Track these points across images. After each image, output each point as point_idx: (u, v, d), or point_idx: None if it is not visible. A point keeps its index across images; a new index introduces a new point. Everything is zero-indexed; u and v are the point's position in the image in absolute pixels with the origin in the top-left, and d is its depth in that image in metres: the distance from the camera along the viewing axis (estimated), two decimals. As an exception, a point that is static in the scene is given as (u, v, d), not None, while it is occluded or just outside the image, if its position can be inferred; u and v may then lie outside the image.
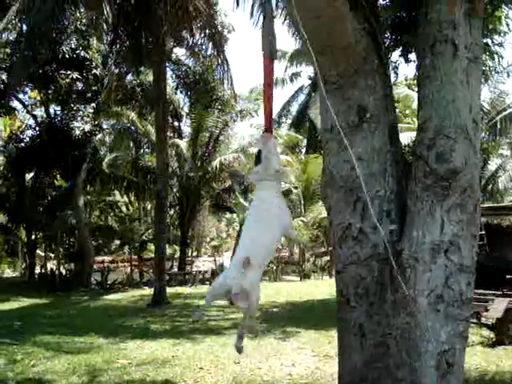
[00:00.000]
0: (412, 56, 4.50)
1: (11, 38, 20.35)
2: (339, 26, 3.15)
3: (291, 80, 34.18)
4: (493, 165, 26.64)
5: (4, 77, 20.15)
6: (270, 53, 3.53)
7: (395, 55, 4.65)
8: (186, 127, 28.81)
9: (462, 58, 3.35)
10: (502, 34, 4.76)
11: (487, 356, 8.23)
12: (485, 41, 4.39)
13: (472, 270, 3.34)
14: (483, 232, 13.02)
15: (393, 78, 4.27)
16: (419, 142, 3.39)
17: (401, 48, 4.56)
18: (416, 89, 3.68)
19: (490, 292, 10.90)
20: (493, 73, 5.66)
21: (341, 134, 3.34)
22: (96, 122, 24.09)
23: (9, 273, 31.25)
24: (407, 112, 27.43)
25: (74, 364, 7.92)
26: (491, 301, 10.32)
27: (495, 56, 4.90)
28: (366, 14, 3.55)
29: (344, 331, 3.62)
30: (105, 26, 17.58)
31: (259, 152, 3.55)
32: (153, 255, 21.39)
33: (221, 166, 24.75)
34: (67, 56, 20.59)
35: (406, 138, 13.90)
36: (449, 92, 3.30)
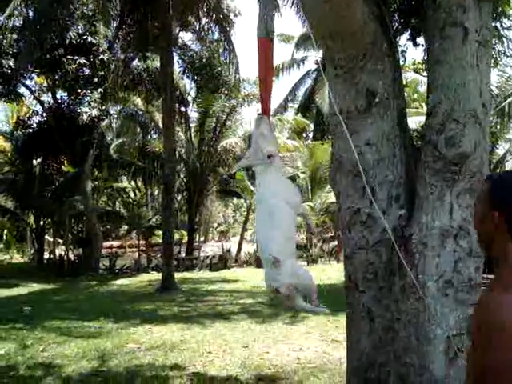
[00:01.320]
0: (420, 40, 4.47)
1: (17, 24, 20.31)
2: (348, 11, 3.13)
3: (298, 65, 34.02)
4: (501, 149, 26.50)
5: (11, 63, 20.14)
6: (266, 33, 3.50)
7: (403, 39, 4.62)
8: (193, 112, 28.75)
9: (472, 41, 3.32)
10: (511, 18, 4.72)
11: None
12: (494, 24, 4.35)
13: (481, 255, 3.33)
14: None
15: (401, 62, 4.23)
16: (428, 127, 3.37)
17: (409, 32, 4.52)
18: (424, 73, 3.66)
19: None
20: (502, 56, 5.62)
21: (348, 119, 3.35)
22: (103, 108, 24.08)
23: (18, 258, 31.43)
24: (415, 96, 27.31)
25: (83, 349, 8.00)
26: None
27: (504, 40, 4.86)
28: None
29: (352, 316, 3.63)
30: (111, 12, 17.54)
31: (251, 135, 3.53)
32: (160, 240, 21.46)
33: (224, 150, 24.79)
34: (74, 41, 20.55)
35: (415, 122, 13.83)
36: (458, 76, 3.27)
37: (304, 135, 35.14)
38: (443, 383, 3.17)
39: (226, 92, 25.98)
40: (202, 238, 32.67)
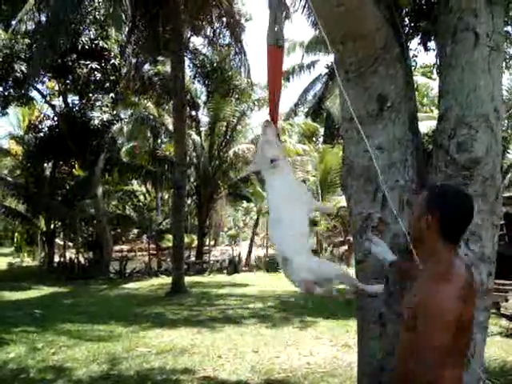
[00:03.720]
0: (431, 44, 4.47)
1: (30, 29, 20.43)
2: (360, 15, 3.12)
3: (308, 68, 34.00)
4: (512, 153, 26.32)
5: (23, 67, 20.26)
6: (277, 40, 3.49)
7: (414, 43, 4.62)
8: (204, 117, 28.80)
9: (484, 46, 3.31)
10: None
11: (506, 346, 8.20)
12: (506, 29, 4.34)
13: (493, 260, 3.31)
14: (503, 222, 12.91)
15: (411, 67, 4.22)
16: (440, 131, 3.36)
17: (420, 36, 4.52)
18: (433, 77, 3.65)
19: (510, 282, 10.84)
20: (514, 61, 5.61)
21: (359, 124, 3.35)
22: (114, 112, 24.19)
23: (29, 261, 31.56)
24: (425, 101, 27.20)
25: (94, 352, 8.02)
26: (511, 291, 10.27)
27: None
28: (388, 1, 3.52)
29: (363, 320, 3.62)
30: (123, 16, 17.62)
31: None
32: (170, 244, 21.49)
33: (235, 155, 24.85)
34: (86, 46, 20.68)
35: (425, 127, 13.78)
36: (470, 81, 3.26)
37: (314, 139, 35.10)
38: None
39: (236, 96, 26.03)
40: (212, 242, 32.67)
